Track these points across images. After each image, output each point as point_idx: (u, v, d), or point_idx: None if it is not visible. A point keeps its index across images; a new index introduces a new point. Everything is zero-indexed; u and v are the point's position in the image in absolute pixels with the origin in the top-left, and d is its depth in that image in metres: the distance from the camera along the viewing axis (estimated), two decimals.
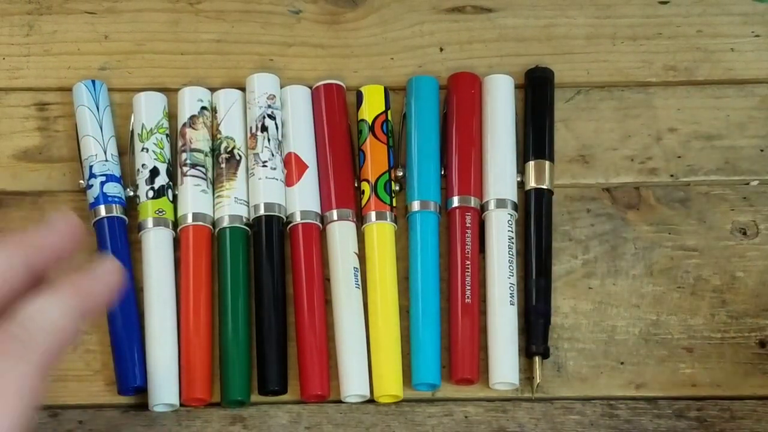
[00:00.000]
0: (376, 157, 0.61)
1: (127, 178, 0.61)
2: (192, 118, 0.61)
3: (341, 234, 0.60)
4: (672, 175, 0.63)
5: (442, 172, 0.61)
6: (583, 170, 0.63)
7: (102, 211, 0.59)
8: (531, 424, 0.57)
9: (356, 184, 0.61)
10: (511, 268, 0.59)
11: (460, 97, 0.62)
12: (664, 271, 0.61)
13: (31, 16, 0.65)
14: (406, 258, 0.60)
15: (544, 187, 0.61)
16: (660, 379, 0.58)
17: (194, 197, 0.60)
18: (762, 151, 0.63)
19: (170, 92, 0.63)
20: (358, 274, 0.59)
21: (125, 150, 0.62)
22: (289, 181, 0.61)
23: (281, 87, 0.63)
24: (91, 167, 0.60)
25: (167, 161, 0.61)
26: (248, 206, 0.60)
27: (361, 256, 0.60)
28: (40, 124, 0.63)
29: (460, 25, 0.66)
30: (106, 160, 0.60)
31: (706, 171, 0.63)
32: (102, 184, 0.59)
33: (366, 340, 0.58)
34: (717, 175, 0.63)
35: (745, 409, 0.58)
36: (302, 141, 0.61)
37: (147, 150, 0.60)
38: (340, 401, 0.58)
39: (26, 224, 0.61)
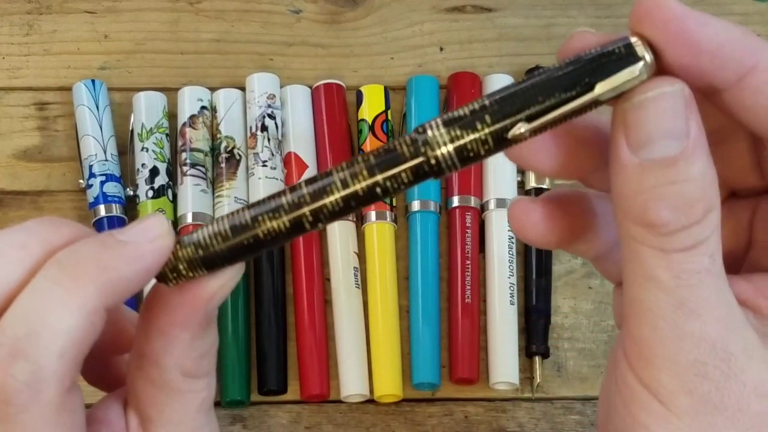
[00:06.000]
0: None
1: (126, 177, 0.61)
2: (192, 117, 0.61)
3: (341, 234, 0.60)
4: None
5: None
6: None
7: (102, 210, 0.59)
8: (531, 424, 0.57)
9: None
10: (511, 268, 0.59)
11: (460, 97, 0.62)
12: None
13: (30, 16, 0.65)
14: (406, 258, 0.60)
15: (544, 186, 0.61)
16: None
17: (194, 197, 0.60)
18: None
19: (170, 92, 0.63)
20: (358, 274, 0.59)
21: (125, 150, 0.62)
22: (289, 181, 0.60)
23: (281, 87, 0.63)
24: (90, 167, 0.60)
25: (167, 161, 0.61)
26: None
27: (361, 256, 0.60)
28: (40, 123, 0.63)
29: (460, 25, 0.66)
30: (106, 160, 0.60)
31: None
32: (102, 183, 0.59)
33: (366, 340, 0.58)
34: None
35: None
36: (302, 141, 0.61)
37: (147, 149, 0.60)
38: (340, 401, 0.58)
39: None
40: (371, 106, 0.62)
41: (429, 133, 0.26)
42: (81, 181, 0.60)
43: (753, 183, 0.29)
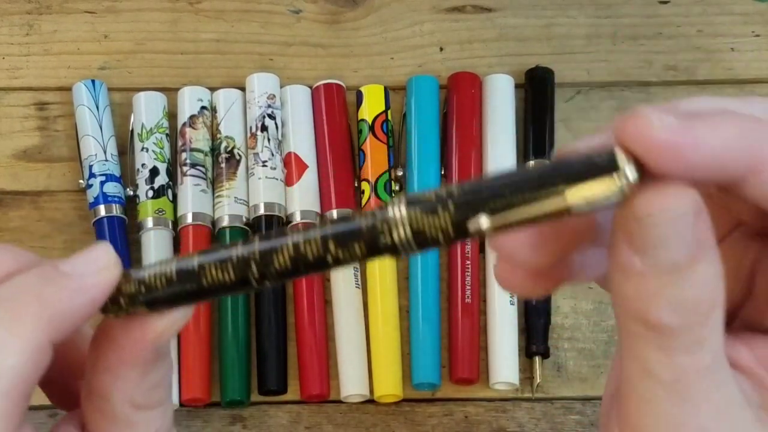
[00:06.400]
0: (376, 156, 0.61)
1: (126, 177, 0.61)
2: (192, 117, 0.61)
3: None
4: None
5: (442, 172, 0.61)
6: None
7: (102, 210, 0.59)
8: (531, 424, 0.57)
9: (356, 184, 0.61)
10: None
11: (460, 97, 0.62)
12: None
13: (30, 16, 0.65)
14: (406, 258, 0.60)
15: None
16: None
17: (194, 197, 0.60)
18: None
19: (170, 92, 0.63)
20: (358, 274, 0.59)
21: (125, 150, 0.62)
22: (289, 181, 0.61)
23: (281, 87, 0.63)
24: (90, 167, 0.60)
25: (167, 161, 0.61)
26: (248, 206, 0.60)
27: None
28: (40, 123, 0.63)
29: (460, 25, 0.66)
30: (106, 160, 0.60)
31: None
32: (102, 183, 0.59)
33: (366, 340, 0.58)
34: None
35: None
36: (302, 141, 0.61)
37: (147, 150, 0.60)
38: (340, 401, 0.58)
39: (26, 224, 0.61)
40: (371, 106, 0.62)
41: (389, 211, 0.25)
42: (81, 181, 0.60)
43: (755, 221, 0.28)
